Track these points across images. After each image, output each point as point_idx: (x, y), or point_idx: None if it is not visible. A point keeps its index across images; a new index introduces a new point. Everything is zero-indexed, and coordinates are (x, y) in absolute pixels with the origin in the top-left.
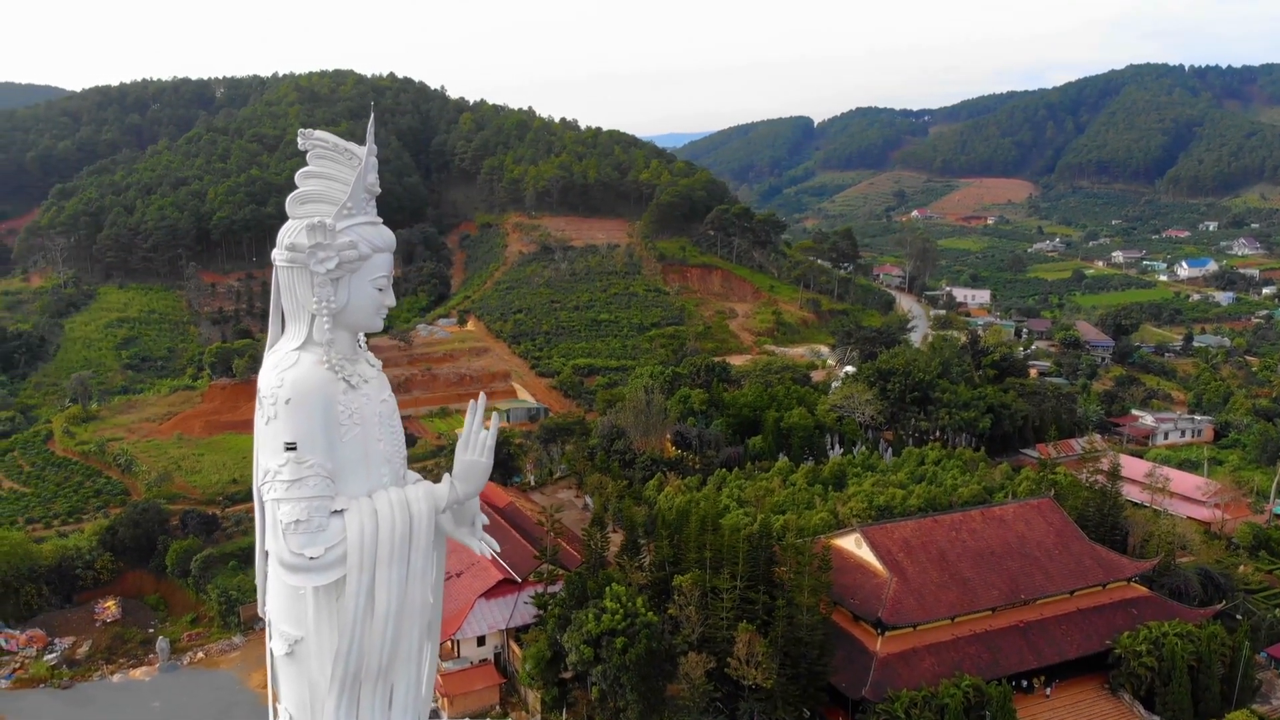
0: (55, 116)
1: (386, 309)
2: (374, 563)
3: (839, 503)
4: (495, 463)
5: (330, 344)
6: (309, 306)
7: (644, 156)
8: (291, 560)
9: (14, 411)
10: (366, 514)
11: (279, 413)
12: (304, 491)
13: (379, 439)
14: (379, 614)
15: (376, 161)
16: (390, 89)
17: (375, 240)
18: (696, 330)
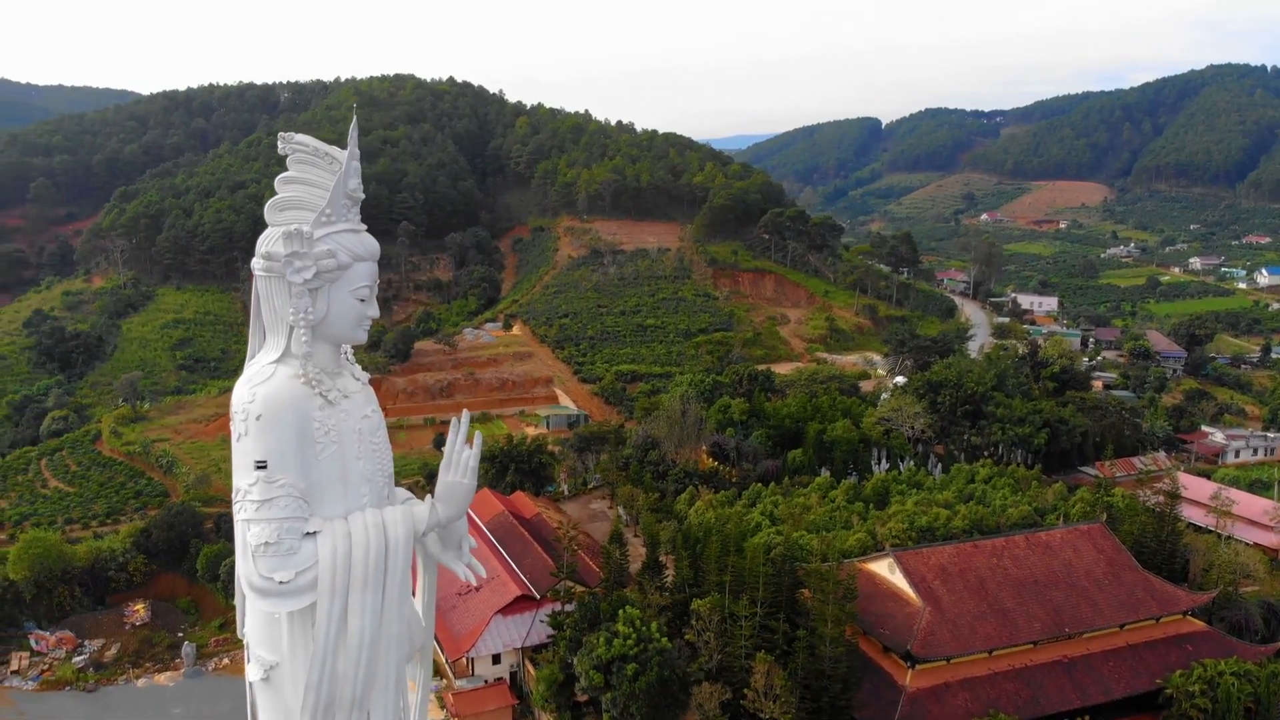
0: (123, 120)
1: (370, 320)
2: (347, 588)
3: (878, 523)
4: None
5: (308, 357)
6: (286, 318)
7: (699, 159)
8: (260, 584)
9: (68, 411)
10: (340, 537)
11: (250, 429)
12: (274, 512)
13: (358, 457)
14: (352, 642)
15: (359, 166)
16: (448, 93)
17: (356, 249)
18: (745, 337)
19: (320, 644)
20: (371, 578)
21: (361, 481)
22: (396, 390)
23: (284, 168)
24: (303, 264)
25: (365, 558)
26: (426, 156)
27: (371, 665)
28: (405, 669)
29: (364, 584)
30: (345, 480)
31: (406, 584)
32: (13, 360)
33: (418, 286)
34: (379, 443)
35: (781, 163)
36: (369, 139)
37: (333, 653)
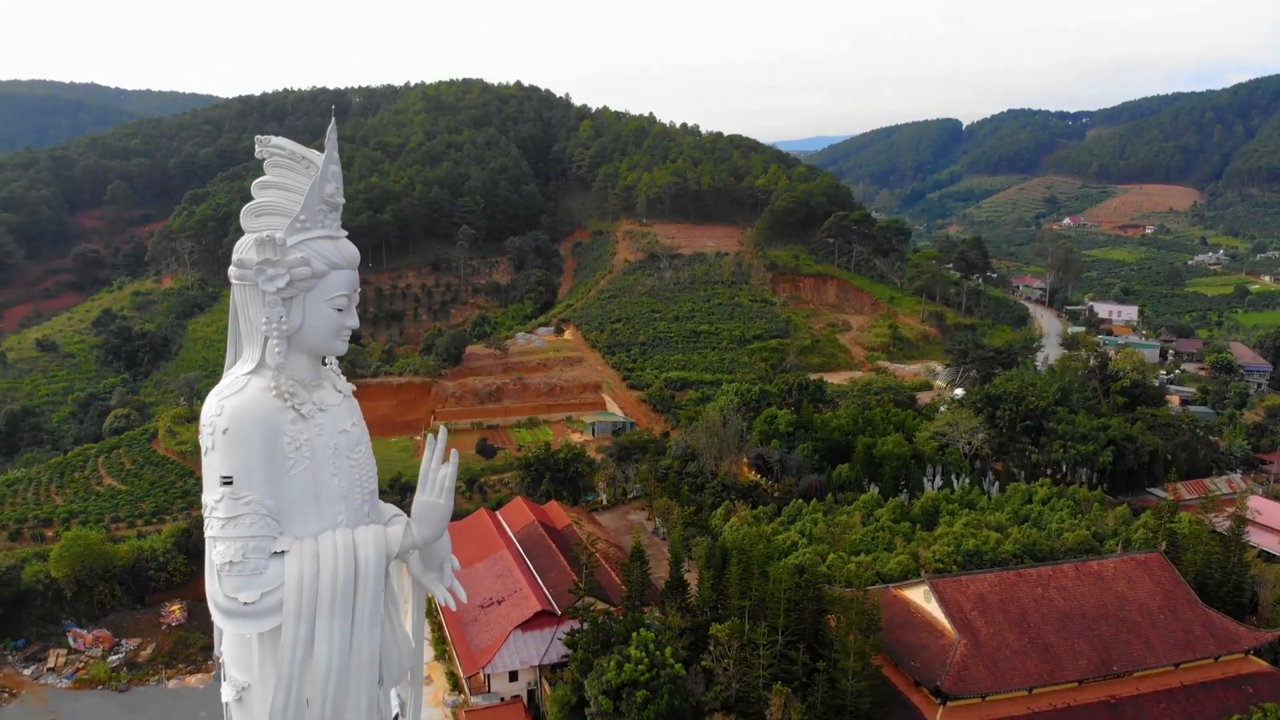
0: (199, 124)
1: (349, 330)
2: (314, 612)
3: (923, 545)
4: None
5: (281, 368)
6: (260, 328)
7: (763, 161)
8: (225, 604)
9: (130, 409)
10: (307, 558)
11: (216, 443)
12: (239, 530)
13: (333, 474)
14: (319, 668)
15: (338, 170)
16: (514, 97)
17: (332, 256)
18: (802, 344)
19: (285, 669)
20: (339, 601)
21: (336, 499)
22: (446, 394)
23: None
24: (275, 272)
25: (333, 580)
26: (490, 160)
27: (340, 692)
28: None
29: (331, 607)
30: (318, 497)
31: (378, 607)
32: (81, 358)
33: (476, 290)
34: (358, 458)
35: (857, 165)
36: (434, 143)
37: (298, 678)
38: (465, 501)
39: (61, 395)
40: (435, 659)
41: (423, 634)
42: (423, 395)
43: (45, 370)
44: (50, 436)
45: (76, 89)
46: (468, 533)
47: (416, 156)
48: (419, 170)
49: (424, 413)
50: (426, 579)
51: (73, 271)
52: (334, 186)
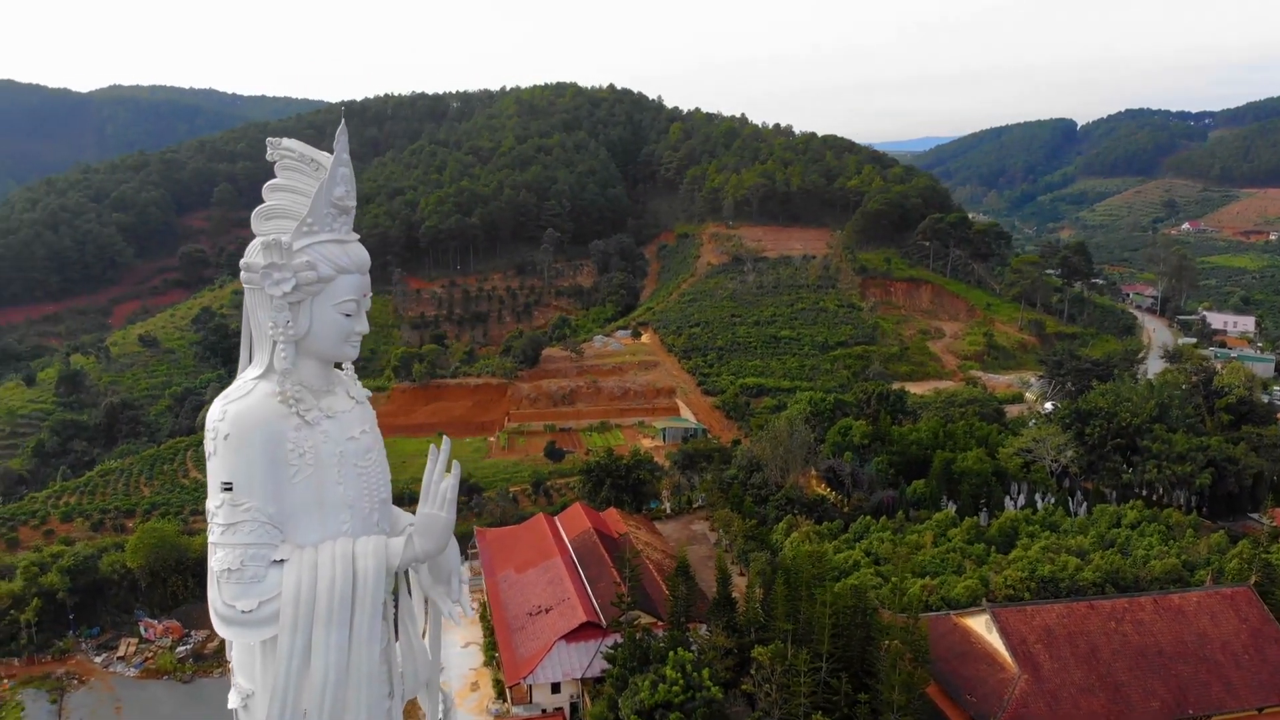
0: (302, 129)
1: (358, 336)
2: (311, 622)
3: (994, 569)
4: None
5: (287, 374)
6: (268, 332)
7: (856, 162)
8: (224, 611)
9: None
10: (306, 567)
11: (218, 449)
12: (238, 537)
13: (338, 482)
14: (316, 679)
15: (348, 173)
16: (606, 100)
17: (340, 261)
18: (890, 351)
19: (281, 679)
20: (337, 612)
21: (341, 507)
22: (521, 396)
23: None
24: (281, 276)
25: (331, 590)
26: (578, 163)
27: (338, 705)
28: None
29: (329, 618)
30: (323, 505)
31: (376, 619)
32: (181, 354)
33: (559, 292)
34: (367, 466)
35: (965, 166)
36: (524, 147)
37: (295, 689)
38: (530, 504)
39: (160, 389)
40: (484, 665)
41: (439, 646)
42: (498, 396)
43: (146, 365)
44: (147, 429)
45: (195, 94)
46: (525, 537)
47: (506, 160)
48: (508, 174)
49: (499, 414)
50: (434, 592)
51: (179, 270)
52: (343, 189)
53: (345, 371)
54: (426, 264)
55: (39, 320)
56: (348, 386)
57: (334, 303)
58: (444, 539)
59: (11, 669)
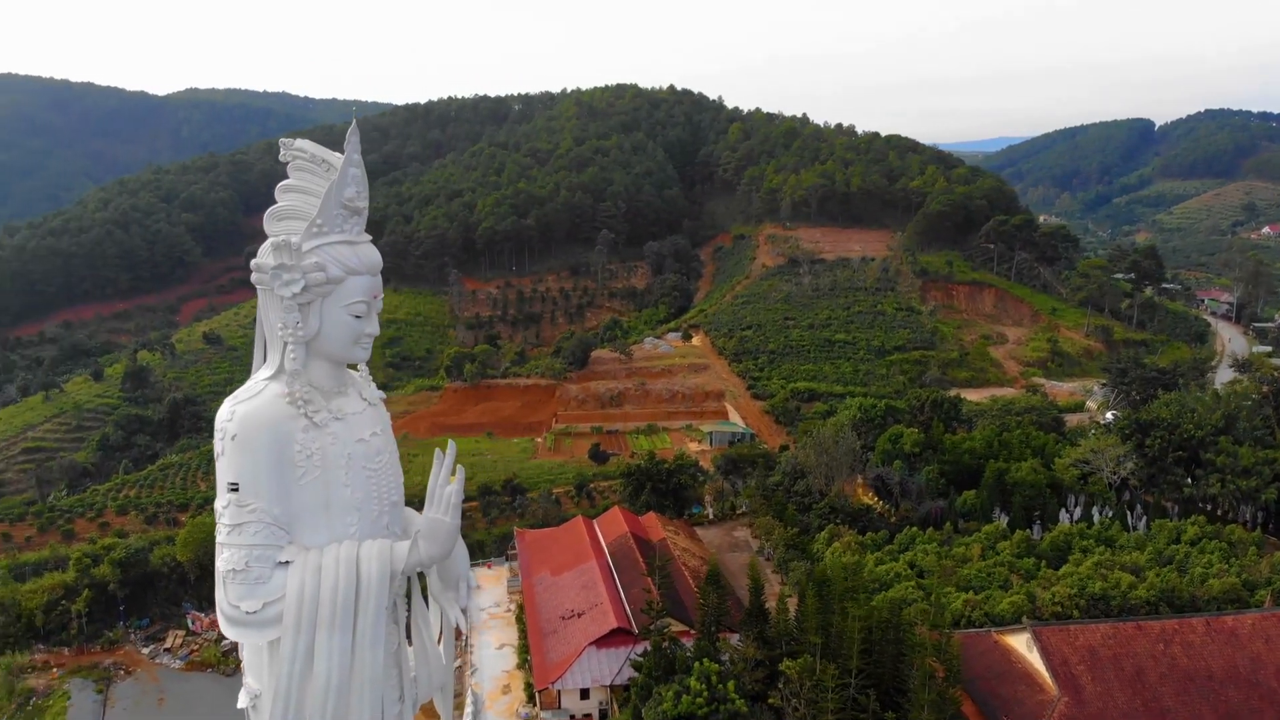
0: (367, 132)
1: (369, 338)
2: (313, 625)
3: (1043, 584)
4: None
5: (296, 375)
6: (278, 333)
7: (920, 162)
8: (229, 611)
9: None
10: (309, 570)
11: (225, 449)
12: (244, 538)
13: (345, 484)
14: (318, 683)
15: (359, 173)
16: (665, 101)
17: (349, 262)
18: (948, 356)
19: (283, 681)
20: (340, 616)
21: (349, 510)
22: (569, 397)
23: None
24: (290, 277)
25: (334, 594)
26: (635, 165)
27: (341, 710)
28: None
29: (331, 622)
30: (330, 508)
31: (380, 624)
32: (243, 351)
33: (612, 294)
34: (376, 468)
35: (1037, 166)
36: (582, 148)
37: (296, 691)
38: (573, 506)
39: (222, 386)
40: (517, 667)
41: (453, 651)
42: (547, 398)
43: (210, 362)
44: (208, 425)
45: (267, 97)
46: (563, 539)
47: (564, 162)
48: (565, 175)
49: (547, 415)
50: (443, 597)
51: (245, 270)
52: (354, 190)
53: (360, 373)
54: (483, 265)
55: (109, 317)
56: (360, 388)
57: (344, 304)
58: (449, 544)
59: (61, 658)
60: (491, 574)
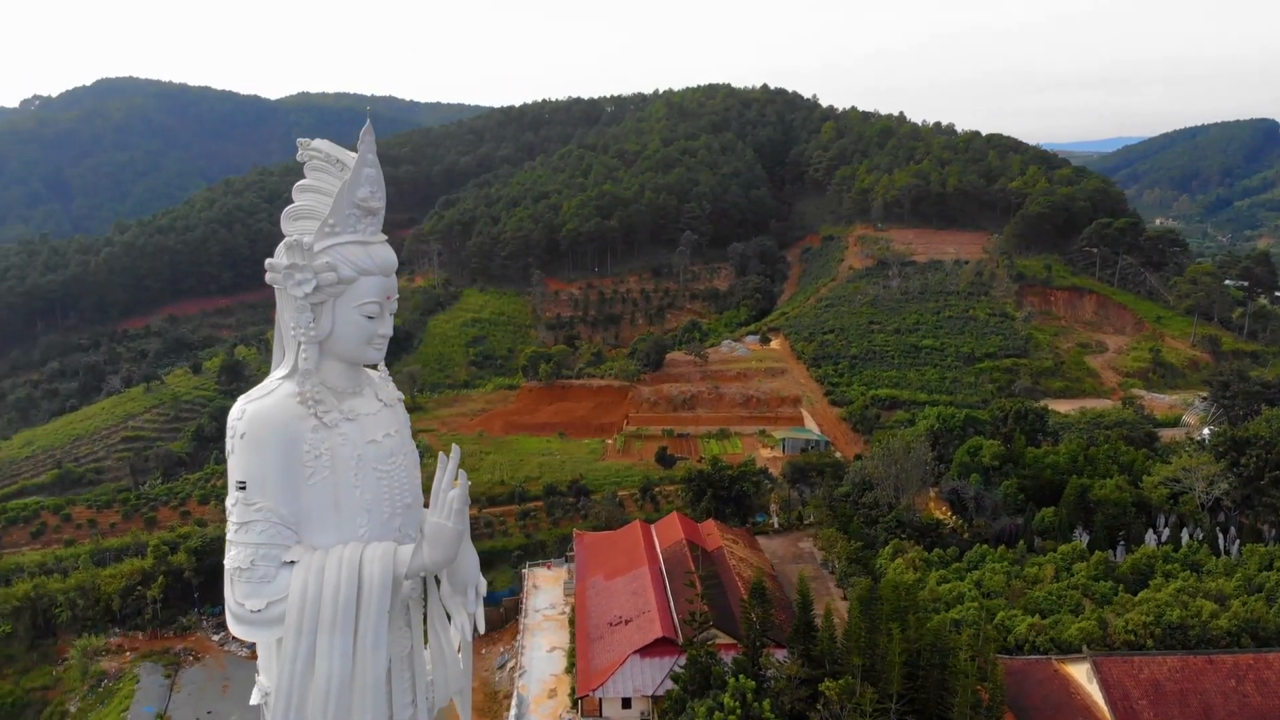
0: (463, 134)
1: (382, 339)
2: (315, 627)
3: (1117, 610)
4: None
5: (307, 374)
6: (291, 332)
7: (1020, 162)
8: (235, 609)
9: None
10: (313, 571)
11: (235, 447)
12: (250, 536)
13: (355, 485)
14: (319, 685)
15: (374, 173)
16: (757, 100)
17: (361, 263)
18: (1042, 365)
19: (285, 681)
20: (341, 618)
21: (358, 511)
22: (641, 399)
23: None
24: (302, 276)
25: (335, 596)
26: (722, 165)
27: (342, 712)
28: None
29: (333, 624)
30: (338, 509)
31: (382, 628)
32: None
33: (694, 296)
34: (389, 470)
35: (1154, 168)
36: (669, 149)
37: (298, 692)
38: (637, 510)
39: None
40: (565, 671)
41: (470, 655)
42: (619, 399)
43: None
44: None
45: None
46: (619, 544)
47: (650, 163)
48: (650, 177)
49: (618, 417)
50: (452, 603)
51: None
52: (367, 190)
53: (379, 373)
54: (566, 266)
55: (212, 313)
56: (378, 389)
57: (355, 304)
58: (452, 549)
59: (135, 642)
60: (551, 575)
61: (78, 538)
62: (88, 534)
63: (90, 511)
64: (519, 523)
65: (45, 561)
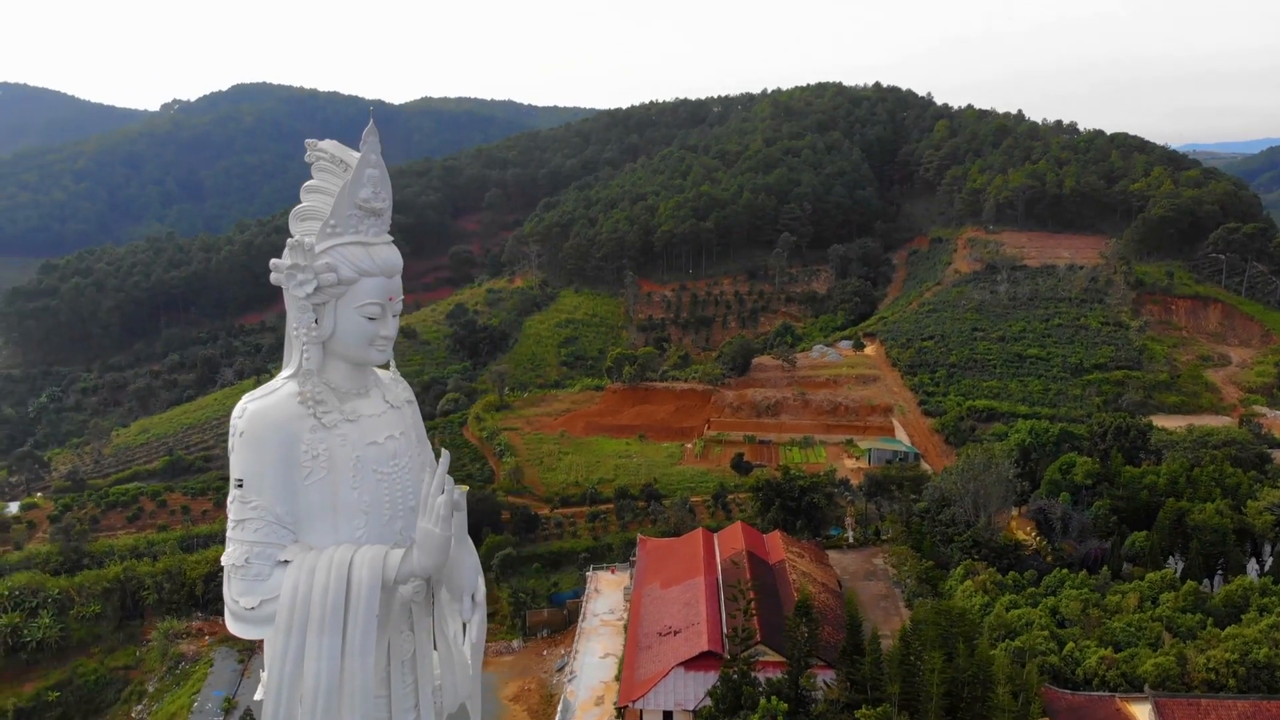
0: (570, 137)
1: (385, 340)
2: (304, 627)
3: (1201, 646)
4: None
5: (309, 375)
6: (294, 332)
7: (1145, 163)
8: (230, 606)
9: (459, 394)
10: (304, 571)
11: (234, 445)
12: (245, 534)
13: (353, 487)
14: (308, 686)
15: (377, 174)
16: (867, 99)
17: (362, 264)
18: (1157, 379)
19: (274, 681)
20: (329, 620)
21: (356, 513)
22: (723, 404)
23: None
24: (303, 277)
25: (324, 598)
26: (827, 165)
27: (330, 714)
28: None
29: (321, 625)
30: (336, 510)
31: (370, 632)
32: (435, 346)
33: (790, 298)
34: (390, 472)
35: None
36: (771, 149)
37: (288, 691)
38: (708, 517)
39: (412, 377)
40: (615, 679)
41: (480, 660)
42: (702, 403)
43: (404, 355)
44: None
45: (492, 105)
46: (680, 551)
47: (751, 163)
48: (749, 177)
49: (699, 421)
50: (450, 609)
51: (449, 269)
52: (369, 191)
53: (389, 374)
54: (659, 268)
55: None
56: (385, 390)
57: (356, 305)
58: (441, 554)
59: (215, 627)
60: (614, 579)
61: (170, 523)
62: (180, 520)
63: (185, 498)
64: (588, 524)
65: (137, 545)
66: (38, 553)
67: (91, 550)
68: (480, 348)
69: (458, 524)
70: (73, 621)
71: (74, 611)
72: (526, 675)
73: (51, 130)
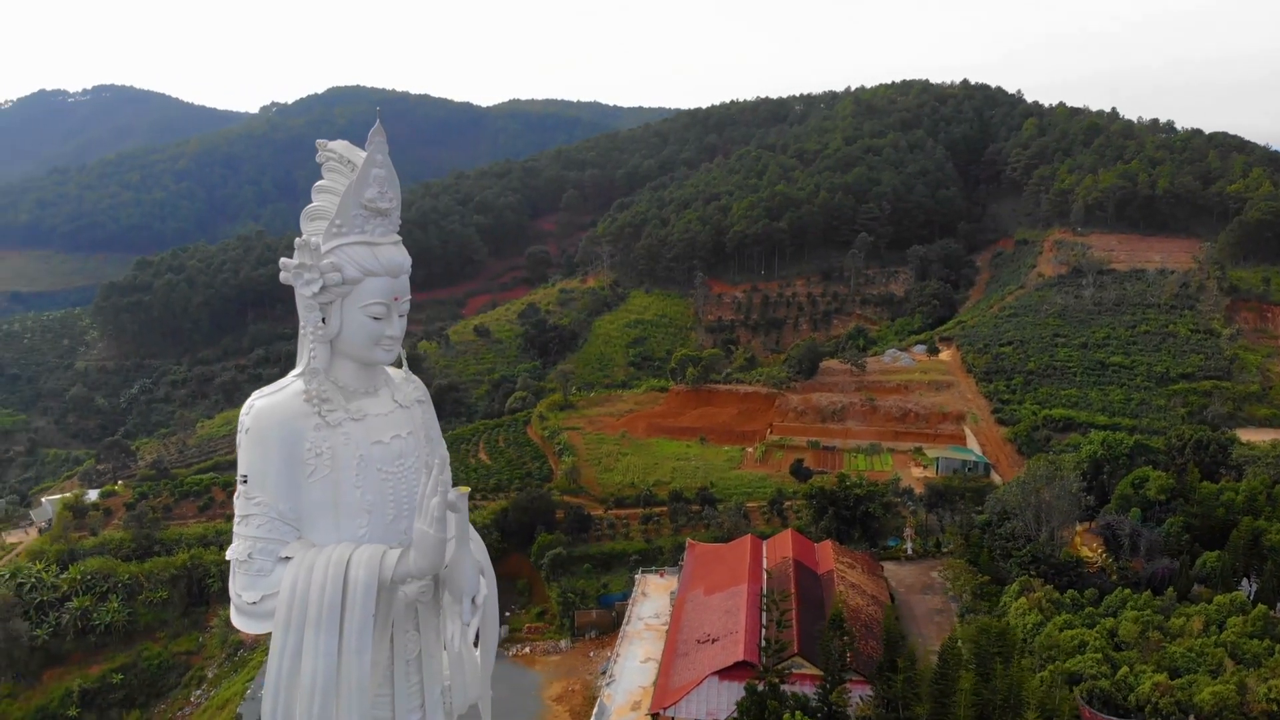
0: (648, 138)
1: (390, 340)
2: (302, 624)
3: (1262, 676)
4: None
5: (315, 373)
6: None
7: (1244, 163)
8: (234, 600)
9: (527, 393)
10: (303, 569)
11: (241, 441)
12: (249, 530)
13: (356, 485)
14: (305, 682)
15: (384, 174)
16: (953, 97)
17: (366, 264)
18: (1248, 390)
19: (273, 675)
20: (326, 618)
21: (358, 512)
22: (788, 408)
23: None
24: (310, 276)
25: (321, 595)
26: (909, 164)
27: (326, 711)
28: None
29: (318, 622)
30: (338, 508)
31: (366, 631)
32: (507, 344)
33: (865, 300)
34: (396, 471)
35: None
36: (851, 148)
37: (285, 686)
38: (763, 523)
39: (484, 375)
40: (653, 684)
41: (490, 660)
42: (765, 406)
43: (476, 352)
44: (467, 410)
45: (578, 107)
46: (727, 558)
47: (829, 162)
48: (826, 176)
49: (762, 424)
50: (451, 610)
51: (525, 269)
52: (375, 191)
53: (401, 373)
54: (731, 268)
55: None
56: (395, 389)
57: (360, 305)
58: (436, 556)
59: None
60: (662, 583)
61: None
62: None
63: None
64: (641, 527)
65: (206, 534)
66: (111, 539)
67: (162, 538)
68: (550, 347)
69: (458, 526)
70: (140, 606)
71: (142, 597)
72: (572, 676)
73: (155, 131)
